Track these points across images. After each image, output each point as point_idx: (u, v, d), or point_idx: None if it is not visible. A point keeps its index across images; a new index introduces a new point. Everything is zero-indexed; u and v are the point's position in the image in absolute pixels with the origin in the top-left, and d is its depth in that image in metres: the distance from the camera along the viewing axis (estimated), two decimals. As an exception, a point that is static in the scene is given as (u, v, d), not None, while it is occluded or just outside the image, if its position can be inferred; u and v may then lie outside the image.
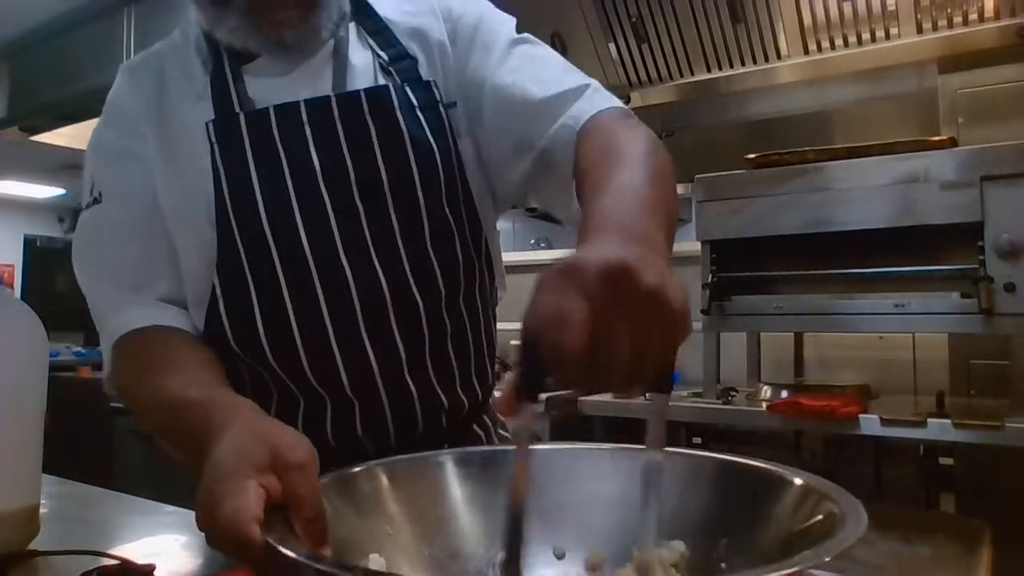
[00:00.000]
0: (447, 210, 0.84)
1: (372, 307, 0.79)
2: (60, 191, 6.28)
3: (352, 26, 0.88)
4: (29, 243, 7.05)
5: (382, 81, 0.85)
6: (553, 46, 2.67)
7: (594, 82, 0.84)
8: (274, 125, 0.80)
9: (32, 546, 0.74)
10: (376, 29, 0.88)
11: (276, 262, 0.78)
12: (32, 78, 3.42)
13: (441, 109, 0.85)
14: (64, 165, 5.20)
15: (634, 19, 2.25)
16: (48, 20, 3.21)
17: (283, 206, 0.79)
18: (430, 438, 0.82)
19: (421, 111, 0.84)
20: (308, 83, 0.83)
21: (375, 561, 0.55)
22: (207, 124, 0.81)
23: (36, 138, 3.63)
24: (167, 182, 0.83)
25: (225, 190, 0.79)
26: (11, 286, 6.56)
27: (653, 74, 2.33)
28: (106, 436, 3.58)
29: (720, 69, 2.23)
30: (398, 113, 0.82)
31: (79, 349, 5.77)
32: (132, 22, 2.99)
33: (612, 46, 2.33)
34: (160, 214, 0.83)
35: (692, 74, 2.28)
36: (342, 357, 0.79)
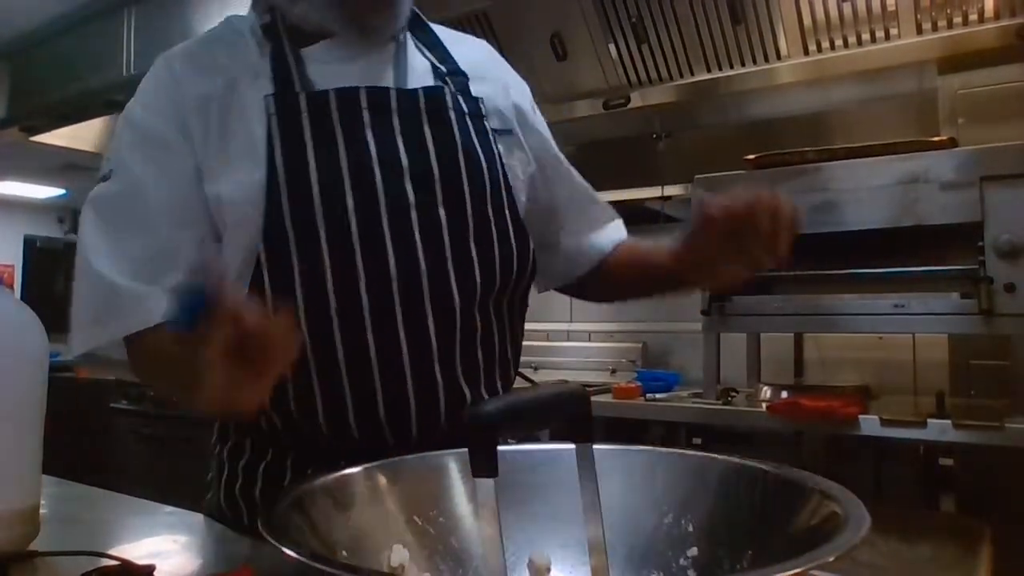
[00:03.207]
0: (491, 214, 0.87)
1: (410, 295, 0.81)
2: (60, 191, 6.27)
3: (409, 36, 0.93)
4: (29, 243, 7.04)
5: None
6: (553, 46, 2.66)
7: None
8: (333, 107, 0.82)
9: (32, 546, 0.73)
10: (432, 43, 0.95)
11: (322, 240, 0.79)
12: (32, 78, 3.42)
13: (485, 123, 0.91)
14: (64, 165, 5.19)
15: (634, 19, 2.25)
16: (48, 20, 3.21)
17: (336, 187, 0.80)
18: (451, 434, 0.82)
19: (470, 118, 0.89)
20: (368, 74, 0.86)
21: (398, 552, 0.56)
22: (266, 97, 0.82)
23: (36, 138, 3.63)
24: (218, 161, 0.83)
25: (279, 165, 0.80)
26: (11, 286, 6.55)
27: (653, 74, 2.33)
28: (106, 436, 3.58)
29: (720, 69, 2.23)
30: (451, 114, 0.87)
31: (79, 349, 5.75)
32: (132, 22, 2.99)
33: (612, 46, 2.33)
34: (195, 201, 0.82)
35: (692, 74, 2.28)
36: (375, 339, 0.80)
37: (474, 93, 0.92)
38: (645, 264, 1.02)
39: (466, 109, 0.89)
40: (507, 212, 0.89)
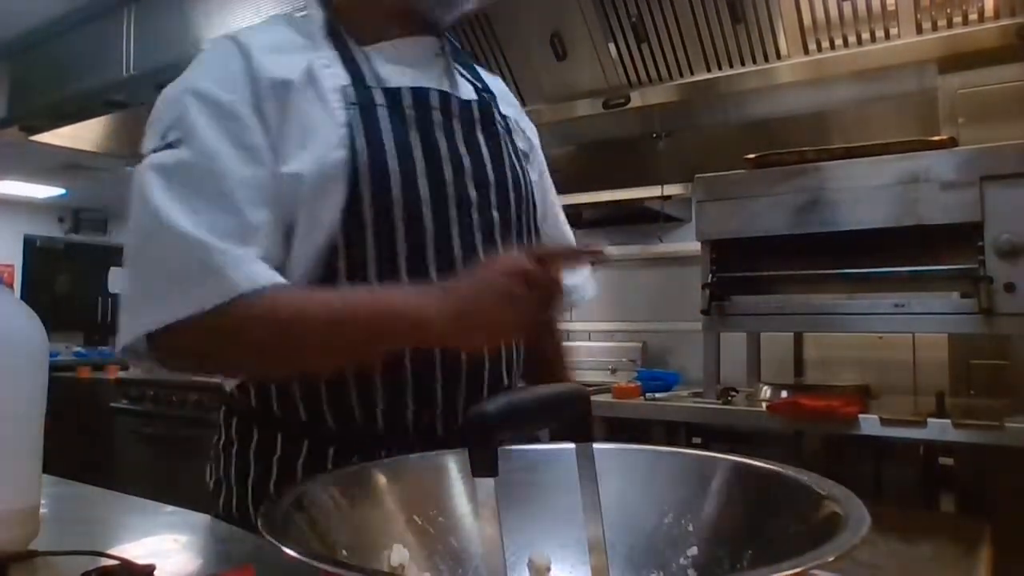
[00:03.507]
0: (524, 219, 0.95)
1: None
2: (60, 191, 6.27)
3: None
4: (29, 243, 7.05)
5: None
6: (553, 46, 2.67)
7: None
8: (407, 104, 0.87)
9: (32, 546, 0.73)
10: (465, 64, 1.02)
11: (398, 228, 0.82)
12: (32, 78, 3.42)
13: (514, 138, 1.00)
14: (64, 165, 5.19)
15: (634, 19, 2.25)
16: (48, 20, 3.21)
17: (411, 177, 0.84)
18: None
19: (507, 132, 0.98)
20: (428, 79, 0.92)
21: (398, 552, 0.56)
22: (344, 87, 0.85)
23: (36, 138, 3.63)
24: (294, 144, 0.82)
25: (361, 150, 0.82)
26: (11, 286, 6.55)
27: (653, 74, 2.33)
28: (106, 436, 3.59)
29: (720, 69, 2.23)
30: (498, 127, 0.95)
31: (79, 349, 5.77)
32: (132, 22, 2.99)
33: (612, 46, 2.33)
34: (269, 181, 0.80)
35: (692, 74, 2.28)
36: None
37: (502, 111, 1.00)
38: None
39: (502, 124, 0.98)
40: (531, 219, 0.97)
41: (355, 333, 0.77)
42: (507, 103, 1.05)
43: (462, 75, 1.00)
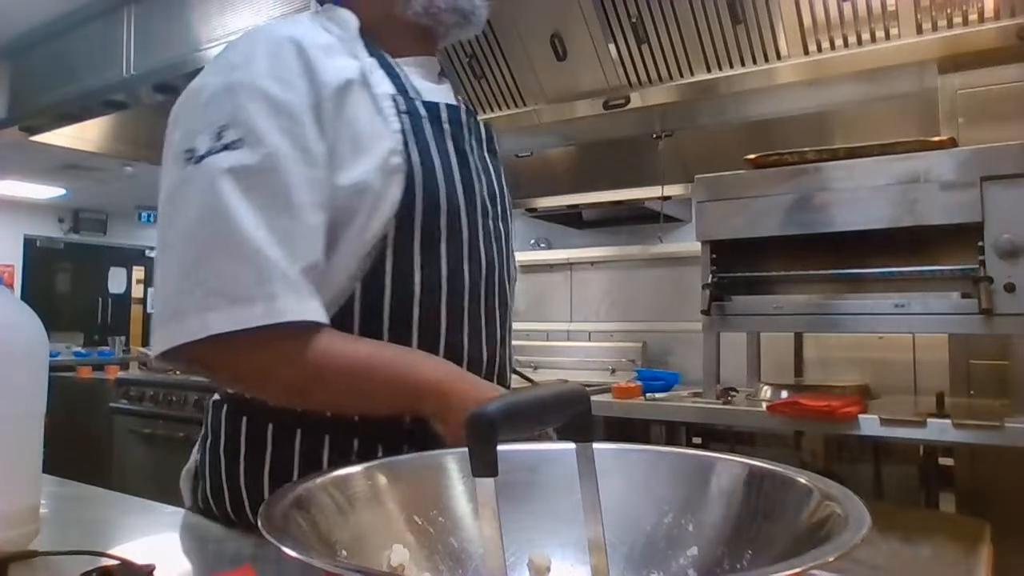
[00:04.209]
0: (511, 231, 1.03)
1: (491, 291, 0.94)
2: (60, 191, 6.28)
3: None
4: (29, 243, 7.06)
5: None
6: (553, 46, 2.67)
7: None
8: (445, 119, 0.91)
9: (32, 546, 0.73)
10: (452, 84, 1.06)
11: (442, 234, 0.87)
12: (32, 78, 3.43)
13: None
14: (64, 165, 5.20)
15: (634, 19, 2.25)
16: (48, 20, 3.22)
17: (452, 187, 0.89)
18: None
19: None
20: (448, 97, 0.97)
21: (398, 552, 0.56)
22: (394, 96, 0.87)
23: (36, 138, 3.64)
24: (351, 148, 0.82)
25: (415, 159, 0.85)
26: (11, 286, 6.55)
27: (653, 74, 2.33)
28: (106, 436, 3.59)
29: (720, 69, 2.23)
30: (496, 146, 1.03)
31: (79, 349, 5.77)
32: (132, 22, 3.00)
33: (612, 46, 2.33)
34: (327, 185, 0.81)
35: (692, 74, 2.28)
36: (468, 327, 0.90)
37: None
38: None
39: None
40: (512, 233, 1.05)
41: (385, 400, 0.81)
42: None
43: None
